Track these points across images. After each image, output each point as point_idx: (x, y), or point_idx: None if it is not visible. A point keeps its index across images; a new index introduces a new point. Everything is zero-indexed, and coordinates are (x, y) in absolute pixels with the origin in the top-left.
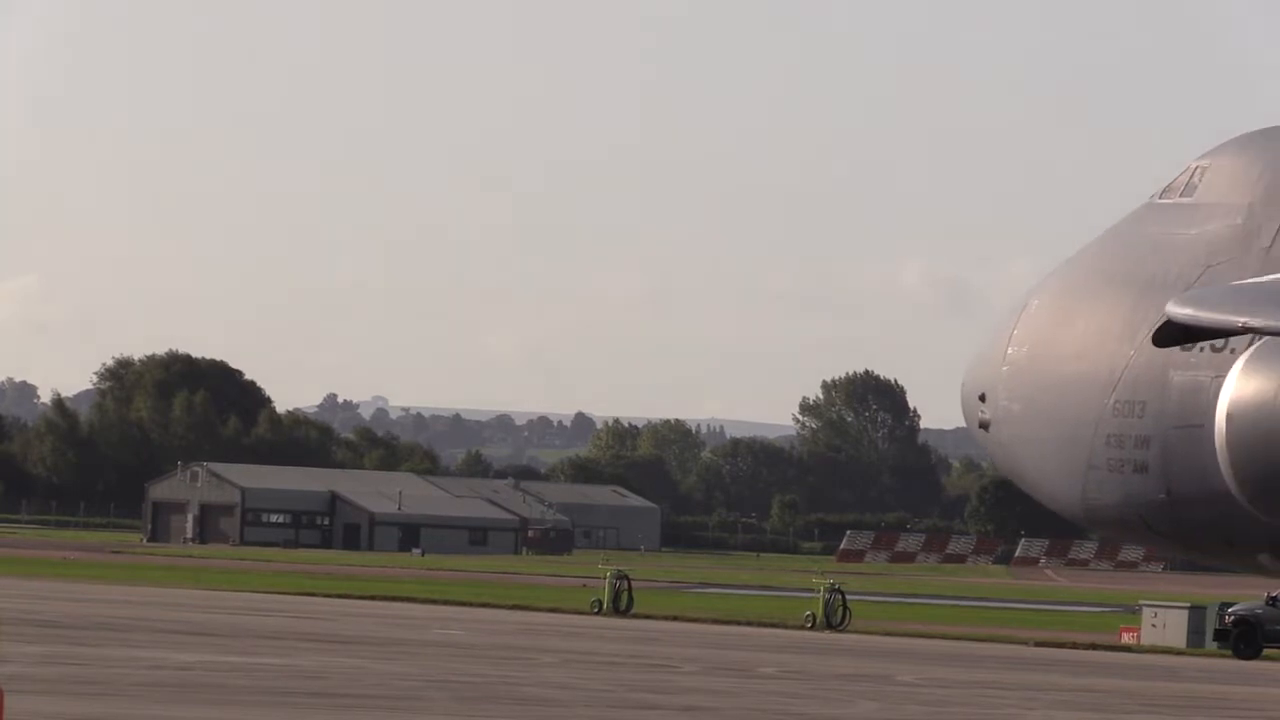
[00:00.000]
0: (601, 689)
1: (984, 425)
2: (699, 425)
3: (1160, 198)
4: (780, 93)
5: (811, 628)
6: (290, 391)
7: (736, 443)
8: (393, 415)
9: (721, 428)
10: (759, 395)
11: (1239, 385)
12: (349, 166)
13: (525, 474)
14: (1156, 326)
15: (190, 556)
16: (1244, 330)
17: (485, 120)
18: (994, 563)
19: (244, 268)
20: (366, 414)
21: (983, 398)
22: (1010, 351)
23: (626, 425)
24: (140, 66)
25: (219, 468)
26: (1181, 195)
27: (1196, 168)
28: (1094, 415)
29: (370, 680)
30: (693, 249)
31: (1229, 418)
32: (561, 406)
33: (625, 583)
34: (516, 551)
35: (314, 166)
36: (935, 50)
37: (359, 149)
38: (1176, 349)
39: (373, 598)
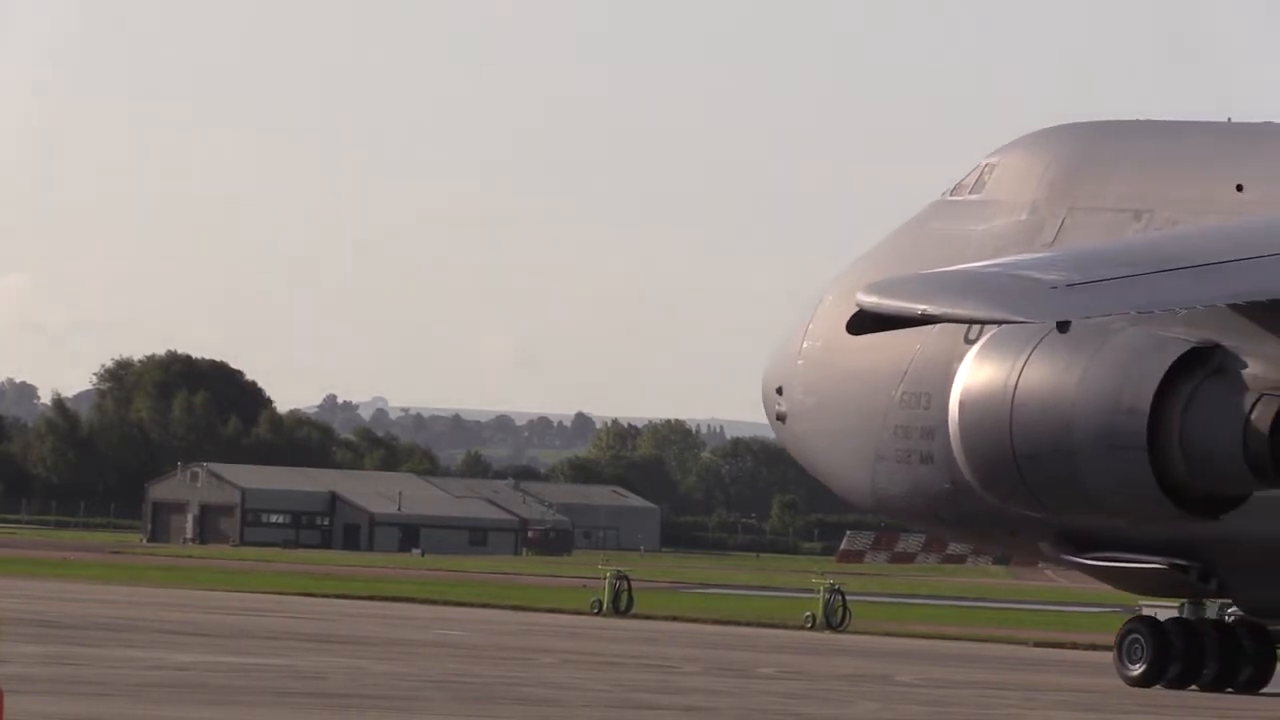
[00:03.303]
0: (601, 689)
1: (781, 418)
2: (699, 425)
3: (951, 195)
4: (782, 93)
5: (811, 628)
6: (290, 391)
7: (736, 443)
8: (392, 416)
9: (721, 428)
10: (759, 395)
11: (970, 375)
12: (349, 166)
13: (525, 474)
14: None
15: (190, 557)
16: (925, 318)
17: (486, 120)
18: (994, 563)
19: (244, 268)
20: (366, 414)
21: (780, 391)
22: (805, 346)
23: (626, 425)
24: (139, 65)
25: (219, 468)
26: (971, 192)
27: (986, 165)
28: (883, 407)
29: (370, 680)
30: (693, 249)
31: (960, 406)
32: (561, 406)
33: (625, 583)
34: (516, 552)
35: (314, 166)
36: (931, 51)
37: (359, 148)
38: (962, 340)
39: (372, 598)
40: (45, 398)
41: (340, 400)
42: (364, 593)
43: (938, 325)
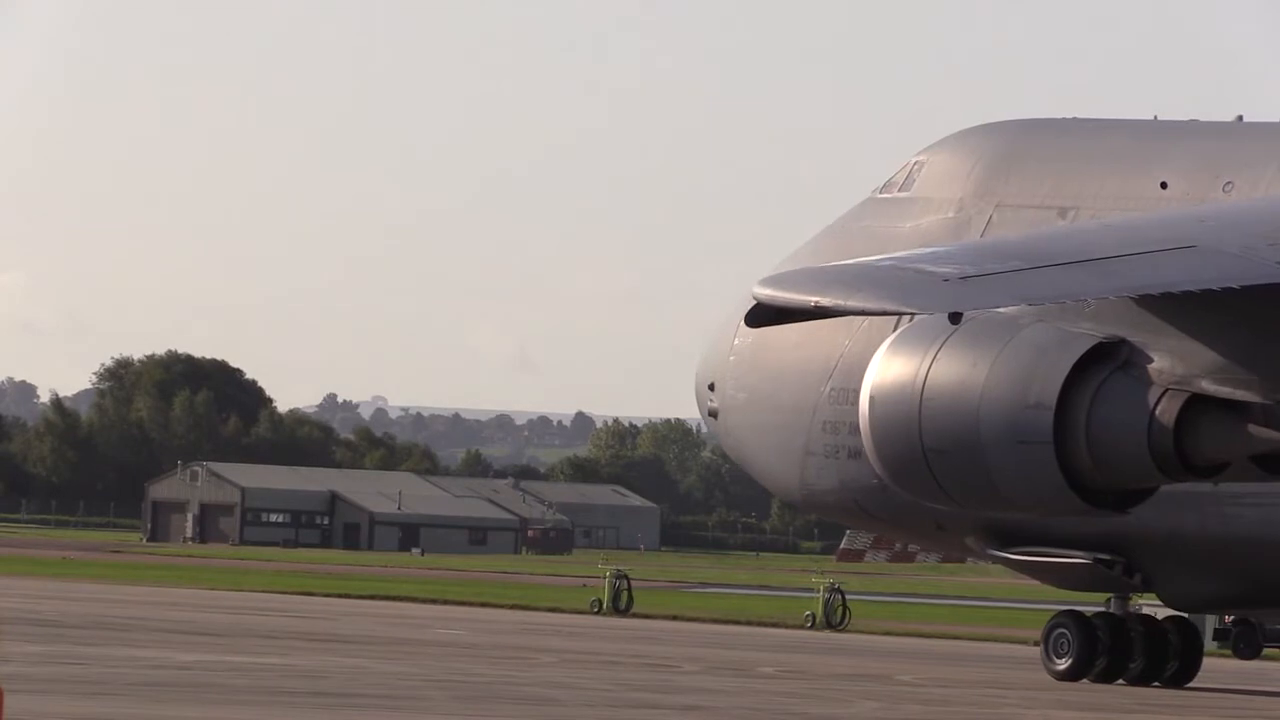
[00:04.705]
0: (601, 689)
1: (713, 413)
2: (699, 424)
3: (880, 192)
4: (782, 91)
5: (811, 627)
6: (290, 391)
7: None
8: (392, 415)
9: None
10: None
11: (879, 370)
12: (348, 166)
13: (525, 474)
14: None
15: (190, 556)
16: (817, 310)
17: (485, 119)
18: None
19: (243, 267)
20: (366, 414)
21: (712, 387)
22: (737, 342)
23: (626, 425)
24: (138, 63)
25: (219, 467)
26: (900, 190)
27: (915, 163)
28: (812, 402)
29: (370, 680)
30: (693, 248)
31: (870, 400)
32: (561, 406)
33: (625, 582)
34: (516, 551)
35: (314, 166)
36: (929, 52)
37: (358, 148)
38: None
39: (373, 598)
40: (45, 397)
41: (340, 400)
42: (364, 592)
43: (866, 321)
